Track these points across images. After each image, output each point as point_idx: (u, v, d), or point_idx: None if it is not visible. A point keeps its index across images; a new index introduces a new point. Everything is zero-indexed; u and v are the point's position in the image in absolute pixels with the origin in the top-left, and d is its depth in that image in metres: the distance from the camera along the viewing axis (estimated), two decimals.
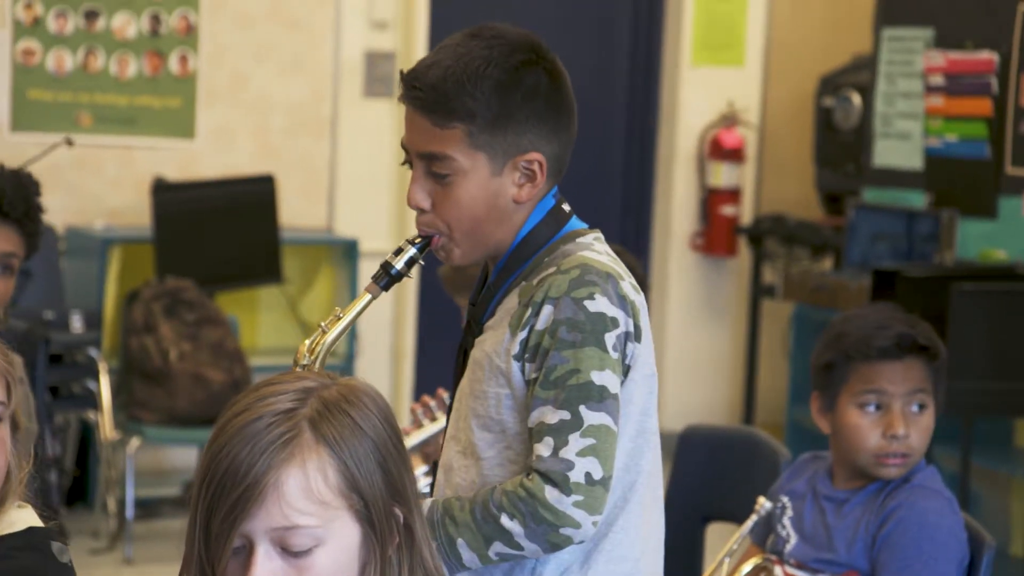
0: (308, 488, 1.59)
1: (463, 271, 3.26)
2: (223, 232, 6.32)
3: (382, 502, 1.64)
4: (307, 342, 2.30)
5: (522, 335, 2.19)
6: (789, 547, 2.86)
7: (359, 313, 2.27)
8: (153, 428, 5.73)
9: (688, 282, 7.53)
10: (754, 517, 2.90)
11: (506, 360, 2.20)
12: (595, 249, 2.26)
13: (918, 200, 6.05)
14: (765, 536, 2.94)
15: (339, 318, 2.28)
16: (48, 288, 5.97)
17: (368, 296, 2.27)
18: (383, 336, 6.93)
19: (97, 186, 6.40)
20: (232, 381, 5.80)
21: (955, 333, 4.77)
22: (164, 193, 6.17)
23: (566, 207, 2.30)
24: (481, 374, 2.23)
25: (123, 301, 5.97)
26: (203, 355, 5.80)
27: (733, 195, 7.41)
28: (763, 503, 2.89)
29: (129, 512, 5.75)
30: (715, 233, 7.42)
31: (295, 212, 6.76)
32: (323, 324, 2.29)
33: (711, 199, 7.42)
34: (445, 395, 3.25)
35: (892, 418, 2.76)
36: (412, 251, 2.26)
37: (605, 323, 2.16)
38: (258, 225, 6.36)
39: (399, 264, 2.26)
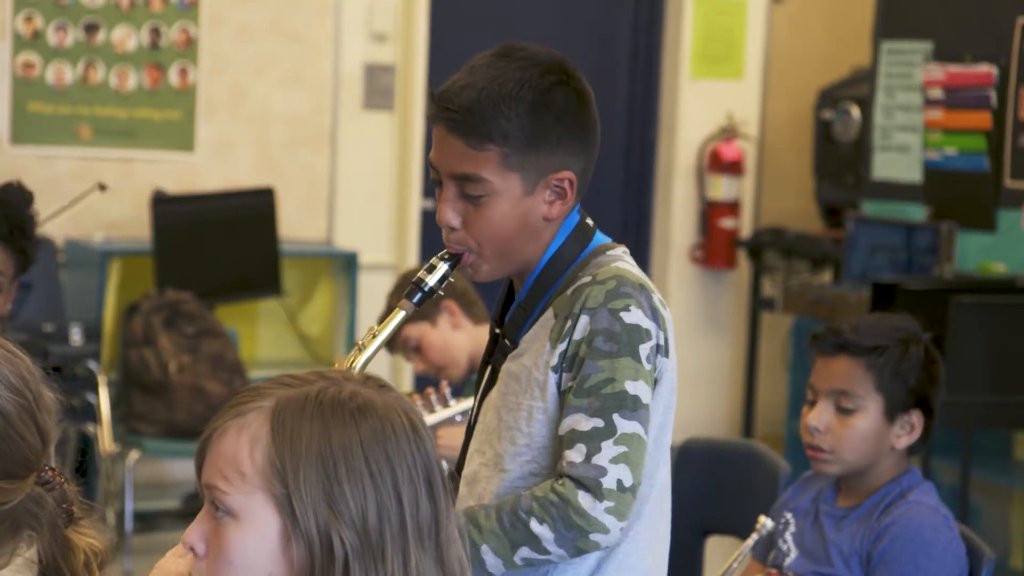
0: (234, 453, 1.55)
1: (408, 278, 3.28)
2: (223, 245, 6.32)
3: (314, 515, 1.52)
4: (338, 362, 2.31)
5: (561, 347, 2.21)
6: (789, 561, 2.86)
7: (395, 330, 2.28)
8: (152, 441, 5.73)
9: (687, 295, 7.53)
10: (755, 536, 2.91)
11: (544, 372, 2.22)
12: (626, 261, 2.29)
13: (917, 213, 6.05)
14: (767, 551, 2.94)
15: (375, 336, 2.30)
16: (48, 300, 5.97)
17: (402, 313, 2.28)
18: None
19: (97, 198, 6.40)
20: (231, 394, 5.75)
21: (954, 346, 4.77)
22: (164, 205, 6.17)
23: (590, 221, 2.34)
24: (516, 387, 2.26)
25: (123, 313, 5.96)
26: (203, 367, 5.80)
27: (732, 208, 7.41)
28: (764, 522, 2.90)
29: (128, 525, 5.74)
30: (714, 246, 7.42)
31: (295, 225, 6.76)
32: (360, 341, 2.30)
33: (710, 212, 7.42)
34: (447, 389, 3.27)
35: (812, 411, 2.85)
36: (445, 268, 2.28)
37: (640, 335, 2.19)
38: (258, 238, 6.36)
39: (432, 281, 2.28)
